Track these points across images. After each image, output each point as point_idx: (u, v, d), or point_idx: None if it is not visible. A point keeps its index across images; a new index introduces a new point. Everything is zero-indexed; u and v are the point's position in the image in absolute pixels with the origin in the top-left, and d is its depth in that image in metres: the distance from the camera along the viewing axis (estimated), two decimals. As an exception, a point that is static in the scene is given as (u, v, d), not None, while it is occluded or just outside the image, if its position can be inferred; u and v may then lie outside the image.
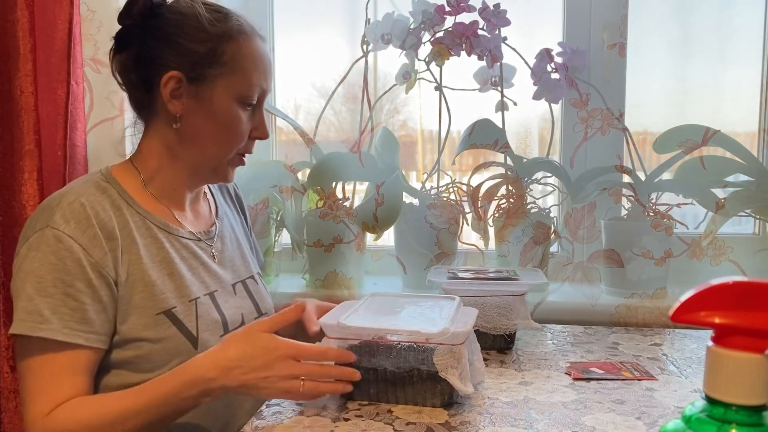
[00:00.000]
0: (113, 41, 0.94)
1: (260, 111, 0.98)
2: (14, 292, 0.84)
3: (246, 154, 1.00)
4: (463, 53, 1.34)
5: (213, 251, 1.02)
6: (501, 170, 1.40)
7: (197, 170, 0.98)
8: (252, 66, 0.94)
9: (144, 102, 0.96)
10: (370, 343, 0.87)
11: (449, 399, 0.87)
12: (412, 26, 1.35)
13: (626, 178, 1.37)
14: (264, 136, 0.99)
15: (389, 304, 0.98)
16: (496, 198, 1.37)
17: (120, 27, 0.93)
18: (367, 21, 1.39)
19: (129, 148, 1.35)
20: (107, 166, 0.97)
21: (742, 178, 1.34)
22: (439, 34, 1.35)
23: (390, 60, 1.40)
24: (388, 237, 1.47)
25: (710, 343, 0.42)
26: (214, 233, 1.04)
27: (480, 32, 1.33)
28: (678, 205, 1.34)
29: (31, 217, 0.88)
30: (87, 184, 0.90)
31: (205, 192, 1.09)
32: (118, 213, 0.89)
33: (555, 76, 1.36)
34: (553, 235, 1.37)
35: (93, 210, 0.86)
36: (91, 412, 0.81)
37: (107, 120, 1.33)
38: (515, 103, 1.39)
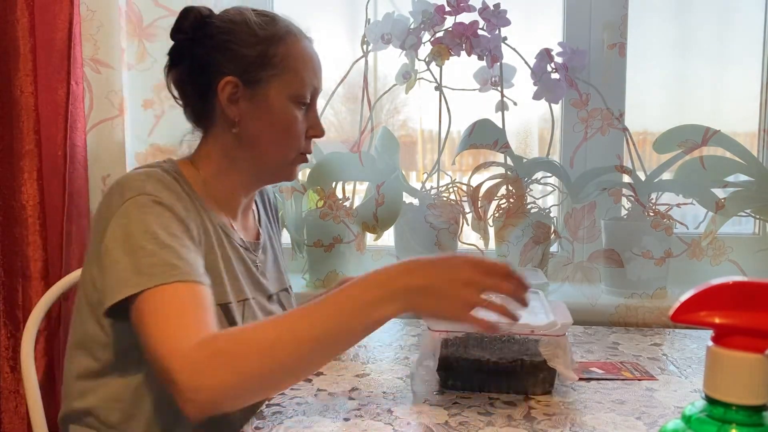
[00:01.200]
0: (167, 57, 0.98)
1: (314, 109, 1.00)
2: (118, 256, 0.79)
3: (308, 153, 1.02)
4: (463, 53, 1.34)
5: (258, 262, 1.03)
6: (501, 170, 1.40)
7: (258, 173, 1.00)
8: (302, 65, 0.96)
9: (202, 111, 0.98)
10: (474, 336, 0.91)
11: (550, 387, 0.91)
12: (412, 26, 1.35)
13: (626, 178, 1.37)
14: (320, 134, 1.01)
15: None
16: (496, 198, 1.37)
17: (173, 43, 0.98)
18: (367, 21, 1.39)
19: (129, 148, 1.35)
20: (172, 160, 0.97)
21: (742, 178, 1.34)
22: (439, 34, 1.35)
23: (390, 60, 1.40)
24: (388, 237, 1.47)
25: (710, 343, 0.42)
26: (259, 245, 1.06)
27: (480, 32, 1.33)
28: (678, 205, 1.34)
29: (111, 193, 0.86)
30: (158, 171, 0.89)
31: (252, 202, 1.11)
32: (183, 201, 0.90)
33: (555, 76, 1.36)
34: (553, 235, 1.37)
35: (174, 189, 0.89)
36: (253, 331, 0.74)
37: (107, 120, 1.33)
38: (515, 103, 1.39)
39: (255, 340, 0.72)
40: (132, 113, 1.37)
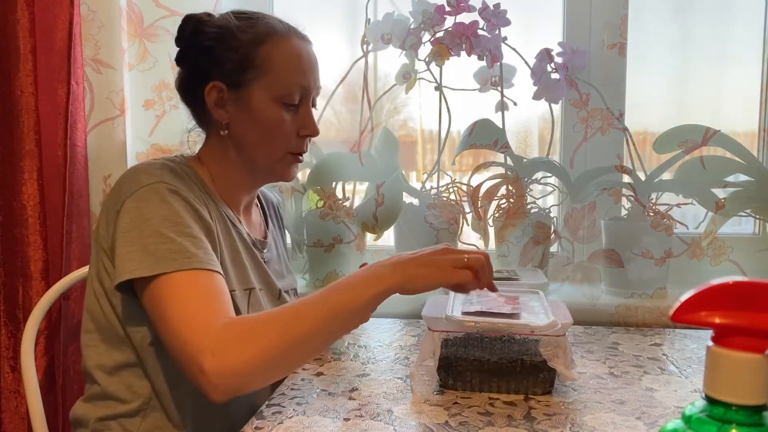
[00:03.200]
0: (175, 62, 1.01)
1: (306, 109, 1.00)
2: (133, 239, 0.82)
3: (302, 153, 1.02)
4: (463, 53, 1.34)
5: (265, 259, 1.06)
6: (501, 170, 1.40)
7: (252, 173, 1.01)
8: (285, 65, 0.96)
9: (199, 114, 1.02)
10: (474, 336, 0.91)
11: (550, 387, 0.91)
12: (412, 26, 1.35)
13: (626, 178, 1.37)
14: (312, 133, 1.00)
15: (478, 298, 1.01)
16: (496, 198, 1.37)
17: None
18: (367, 21, 1.39)
19: (130, 148, 1.35)
20: (182, 155, 1.01)
21: (742, 178, 1.34)
22: (439, 34, 1.35)
23: (390, 60, 1.40)
24: (388, 237, 1.47)
25: (710, 343, 0.42)
26: (267, 243, 1.08)
27: (480, 32, 1.33)
28: (678, 205, 1.34)
29: (124, 180, 0.89)
30: (169, 164, 0.93)
31: (256, 203, 1.13)
32: (200, 191, 0.94)
33: (555, 76, 1.36)
34: (553, 235, 1.37)
35: (189, 180, 0.92)
36: (273, 313, 0.79)
37: (108, 120, 1.33)
38: (515, 103, 1.39)
39: (276, 319, 0.78)
40: (133, 113, 1.37)
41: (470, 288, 0.85)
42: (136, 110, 1.37)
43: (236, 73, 0.95)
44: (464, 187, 1.39)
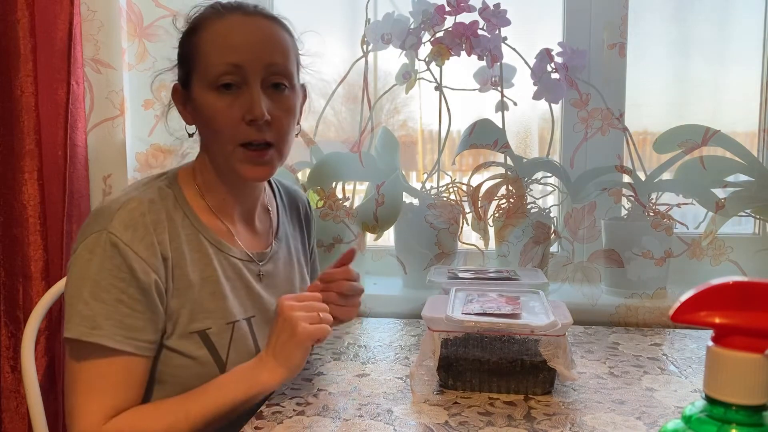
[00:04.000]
0: None
1: (249, 90, 0.87)
2: (69, 293, 0.83)
3: (255, 143, 0.88)
4: (463, 53, 1.34)
5: (261, 272, 0.99)
6: (501, 170, 1.40)
7: (220, 174, 0.94)
8: (212, 47, 0.87)
9: None
10: (474, 336, 0.91)
11: (550, 387, 0.91)
12: (412, 26, 1.35)
13: (626, 178, 1.37)
14: (255, 116, 0.86)
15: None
16: (496, 198, 1.37)
17: None
18: (367, 21, 1.39)
19: (130, 148, 1.35)
20: (175, 169, 0.96)
21: (742, 178, 1.34)
22: (439, 34, 1.35)
23: (390, 60, 1.40)
24: (388, 237, 1.47)
25: (710, 343, 0.42)
26: (267, 255, 1.01)
27: (480, 32, 1.33)
28: (678, 205, 1.34)
29: (90, 217, 0.87)
30: (150, 188, 0.90)
31: (269, 209, 1.06)
32: (172, 225, 0.88)
33: (555, 76, 1.36)
34: (553, 235, 1.37)
35: (152, 219, 0.85)
36: (149, 422, 0.82)
37: (108, 120, 1.33)
38: (515, 103, 1.39)
39: (156, 427, 0.81)
40: (132, 113, 1.37)
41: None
42: (135, 110, 1.37)
43: (181, 71, 0.93)
44: (464, 187, 1.39)
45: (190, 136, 0.96)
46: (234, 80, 0.87)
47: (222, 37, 0.87)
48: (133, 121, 1.37)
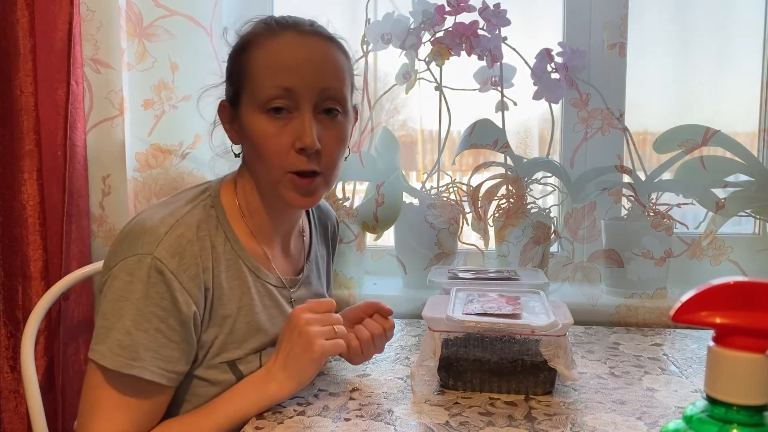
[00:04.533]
0: None
1: (300, 117, 0.84)
2: (105, 316, 0.79)
3: (305, 172, 0.86)
4: (463, 53, 1.34)
5: (293, 298, 0.98)
6: (501, 170, 1.40)
7: (264, 197, 0.91)
8: (264, 67, 0.84)
9: None
10: (474, 336, 0.91)
11: (551, 387, 0.91)
12: (412, 26, 1.35)
13: (626, 178, 1.37)
14: (305, 145, 0.83)
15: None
16: (496, 198, 1.37)
17: None
18: (367, 21, 1.39)
19: (129, 148, 1.35)
20: (217, 184, 0.93)
21: (742, 178, 1.34)
22: (439, 34, 1.35)
23: (390, 60, 1.40)
24: (388, 237, 1.47)
25: (711, 343, 0.42)
26: (300, 280, 1.00)
27: (480, 32, 1.33)
28: (678, 205, 1.34)
29: (131, 233, 0.82)
30: (196, 209, 0.86)
31: (303, 231, 1.04)
32: (215, 252, 0.85)
33: (555, 76, 1.36)
34: (553, 235, 1.37)
35: (199, 248, 0.83)
36: None
37: (107, 120, 1.33)
38: (515, 103, 1.38)
39: None
40: (132, 113, 1.37)
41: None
42: (135, 110, 1.37)
43: (230, 88, 0.90)
44: (464, 187, 1.39)
45: (237, 156, 0.93)
46: (285, 104, 0.84)
47: (274, 57, 0.84)
48: (132, 121, 1.37)
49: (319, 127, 0.85)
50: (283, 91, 0.83)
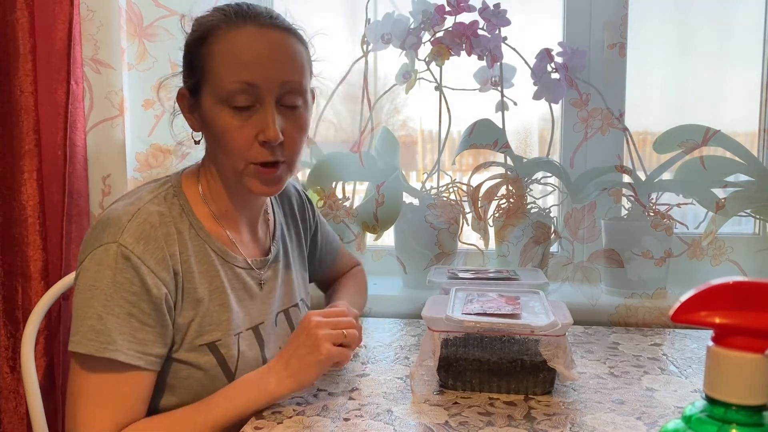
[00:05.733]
0: None
1: (264, 110, 0.85)
2: (78, 306, 0.80)
3: (269, 162, 0.87)
4: (463, 53, 1.34)
5: (261, 280, 0.98)
6: (501, 170, 1.40)
7: (228, 186, 0.93)
8: (224, 60, 0.84)
9: None
10: (474, 336, 0.91)
11: (550, 387, 0.91)
12: (412, 26, 1.35)
13: (626, 178, 1.37)
14: (269, 138, 0.84)
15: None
16: (496, 198, 1.37)
17: None
18: (367, 21, 1.39)
19: (129, 148, 1.35)
20: (179, 174, 0.94)
21: (742, 178, 1.34)
22: (439, 34, 1.35)
23: (390, 60, 1.40)
24: (388, 237, 1.47)
25: (710, 343, 0.42)
26: (267, 261, 1.00)
27: (480, 32, 1.33)
28: (678, 205, 1.34)
29: (97, 227, 0.84)
30: (157, 198, 0.88)
31: (267, 213, 1.05)
32: (181, 238, 0.87)
33: (555, 76, 1.36)
34: (553, 235, 1.37)
35: (163, 233, 0.84)
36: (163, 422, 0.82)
37: (107, 120, 1.33)
38: (515, 103, 1.39)
39: None
40: (132, 113, 1.37)
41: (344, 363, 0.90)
42: (135, 110, 1.37)
43: (189, 78, 0.89)
44: (464, 187, 1.39)
45: (197, 143, 0.94)
46: (247, 99, 0.85)
47: (235, 51, 0.84)
48: (133, 121, 1.37)
49: (281, 119, 0.87)
50: (245, 86, 0.84)
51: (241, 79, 0.83)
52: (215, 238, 0.92)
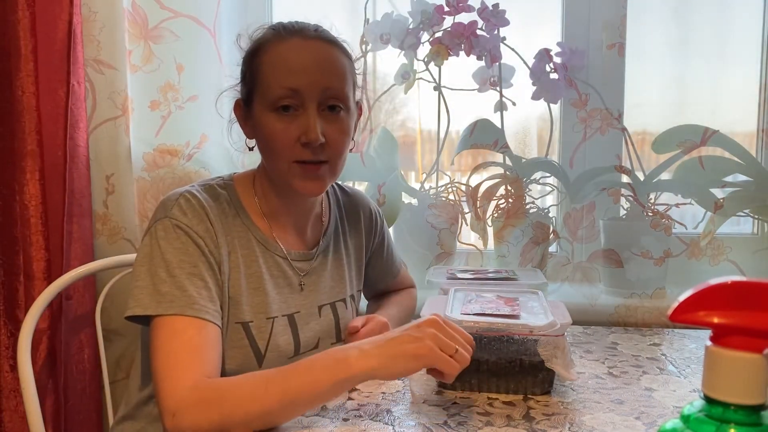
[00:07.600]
0: None
1: (305, 114, 0.91)
2: (140, 276, 0.86)
3: (312, 161, 0.92)
4: (462, 53, 1.34)
5: (302, 271, 1.02)
6: (500, 170, 1.40)
7: (278, 187, 0.99)
8: (272, 70, 0.92)
9: None
10: (473, 336, 0.89)
11: (549, 387, 0.91)
12: (411, 26, 1.35)
13: (625, 178, 1.37)
14: (310, 139, 0.90)
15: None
16: (495, 198, 1.37)
17: None
18: (366, 21, 1.39)
19: (135, 148, 1.35)
20: (230, 175, 1.02)
21: (741, 178, 1.35)
22: (438, 34, 1.35)
23: (389, 60, 1.40)
24: (388, 237, 1.47)
25: (709, 343, 0.42)
26: (313, 254, 1.04)
27: (479, 32, 1.33)
28: (677, 205, 1.34)
29: (154, 213, 0.93)
30: (204, 187, 0.96)
31: (323, 221, 1.08)
32: (225, 220, 0.94)
33: (554, 76, 1.36)
34: (552, 235, 1.38)
35: (206, 211, 0.91)
36: (241, 385, 0.80)
37: (110, 120, 1.33)
38: (514, 103, 1.39)
39: (237, 391, 0.78)
40: (139, 114, 1.37)
41: (446, 378, 0.81)
42: (142, 111, 1.37)
43: (244, 89, 0.97)
44: (463, 187, 1.39)
45: (251, 149, 1.00)
46: (291, 103, 0.91)
47: (281, 61, 0.92)
48: (140, 122, 1.37)
49: (324, 123, 0.92)
50: (290, 91, 0.91)
51: (286, 85, 0.90)
52: (258, 228, 0.98)
